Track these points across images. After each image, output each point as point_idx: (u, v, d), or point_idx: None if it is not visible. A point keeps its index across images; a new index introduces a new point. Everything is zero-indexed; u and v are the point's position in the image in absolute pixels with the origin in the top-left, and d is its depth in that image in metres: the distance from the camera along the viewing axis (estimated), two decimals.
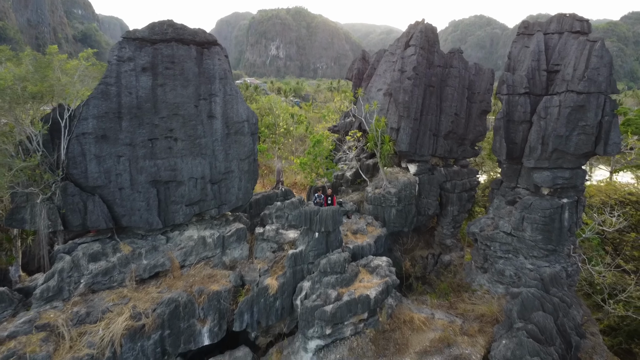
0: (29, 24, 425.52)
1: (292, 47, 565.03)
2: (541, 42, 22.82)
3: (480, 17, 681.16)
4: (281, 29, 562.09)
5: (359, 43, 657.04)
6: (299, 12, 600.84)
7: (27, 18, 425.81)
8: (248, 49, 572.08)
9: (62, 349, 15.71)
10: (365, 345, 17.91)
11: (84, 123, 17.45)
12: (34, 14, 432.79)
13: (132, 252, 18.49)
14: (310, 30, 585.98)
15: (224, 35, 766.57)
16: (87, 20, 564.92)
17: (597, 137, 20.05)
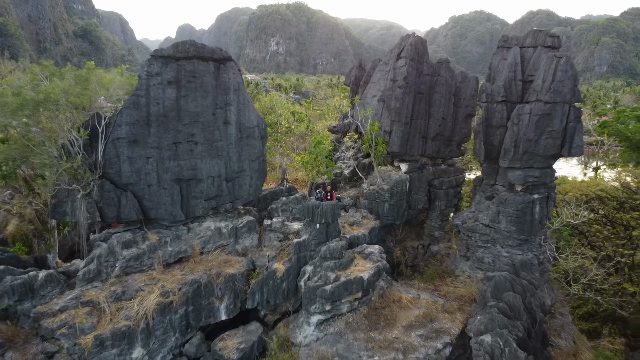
0: (30, 20, 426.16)
1: (292, 43, 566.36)
2: (517, 55, 25.69)
3: (480, 13, 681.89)
4: (281, 25, 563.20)
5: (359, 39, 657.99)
6: (299, 7, 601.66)
7: (28, 13, 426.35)
8: (248, 45, 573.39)
9: (103, 321, 18.74)
10: (360, 320, 20.95)
11: (118, 129, 20.39)
12: (34, 9, 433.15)
13: (158, 240, 21.49)
14: (310, 25, 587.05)
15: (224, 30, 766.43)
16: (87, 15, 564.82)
17: (563, 140, 23.00)
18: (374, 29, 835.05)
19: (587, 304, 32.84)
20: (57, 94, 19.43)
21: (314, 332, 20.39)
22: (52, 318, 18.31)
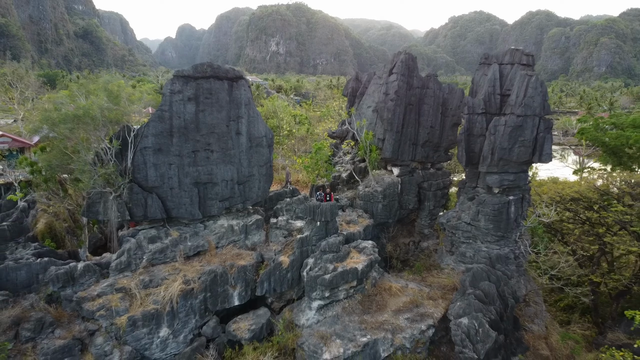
0: (31, 20, 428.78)
1: (292, 43, 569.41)
2: (496, 71, 28.87)
3: (479, 13, 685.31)
4: (281, 25, 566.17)
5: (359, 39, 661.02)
6: (298, 7, 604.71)
7: (29, 14, 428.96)
8: (248, 45, 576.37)
9: (135, 305, 21.95)
10: (354, 305, 24.18)
11: (145, 140, 23.60)
12: (36, 10, 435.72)
13: (179, 236, 24.71)
14: (310, 26, 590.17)
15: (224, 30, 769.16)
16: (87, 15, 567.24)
17: (534, 149, 26.20)
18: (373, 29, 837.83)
19: (567, 297, 36.03)
20: (95, 110, 22.60)
21: (315, 315, 23.60)
22: (92, 302, 21.52)
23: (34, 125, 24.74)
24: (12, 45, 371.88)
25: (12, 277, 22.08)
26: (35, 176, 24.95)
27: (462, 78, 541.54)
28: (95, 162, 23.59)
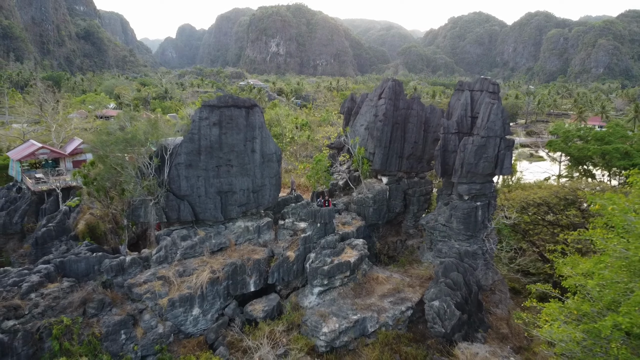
0: (33, 22, 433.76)
1: (292, 44, 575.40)
2: (468, 97, 34.64)
3: (479, 14, 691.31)
4: (281, 26, 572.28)
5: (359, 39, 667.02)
6: (299, 8, 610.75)
7: (32, 16, 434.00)
8: (248, 46, 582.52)
9: (173, 290, 27.72)
10: (348, 291, 29.97)
11: (178, 157, 29.39)
12: (38, 11, 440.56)
13: (205, 235, 30.50)
14: (310, 27, 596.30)
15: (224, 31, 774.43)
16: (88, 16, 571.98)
17: (496, 164, 31.99)
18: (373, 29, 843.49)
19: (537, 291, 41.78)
20: (140, 134, 28.36)
21: (316, 299, 29.38)
22: (139, 287, 27.31)
23: (90, 145, 30.47)
24: (16, 47, 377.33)
25: (74, 268, 27.82)
26: (88, 186, 30.63)
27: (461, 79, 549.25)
28: (138, 175, 29.38)
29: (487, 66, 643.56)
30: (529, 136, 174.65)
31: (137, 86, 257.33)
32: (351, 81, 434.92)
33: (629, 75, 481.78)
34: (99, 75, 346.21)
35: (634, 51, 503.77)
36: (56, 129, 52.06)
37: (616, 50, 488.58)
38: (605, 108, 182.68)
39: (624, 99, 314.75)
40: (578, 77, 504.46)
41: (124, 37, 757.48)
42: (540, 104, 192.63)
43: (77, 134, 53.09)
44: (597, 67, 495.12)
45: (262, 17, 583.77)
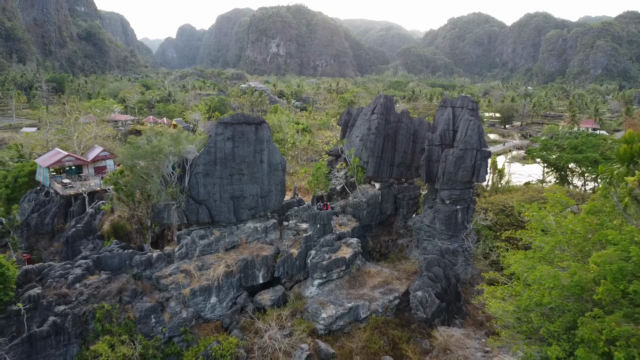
0: (35, 23, 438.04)
1: (292, 45, 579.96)
2: (450, 113, 39.43)
3: (478, 15, 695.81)
4: (281, 27, 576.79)
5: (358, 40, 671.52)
6: (299, 9, 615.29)
7: (34, 17, 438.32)
8: (249, 47, 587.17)
9: (194, 281, 32.52)
10: (343, 283, 34.76)
11: (197, 167, 34.19)
12: (40, 12, 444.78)
13: (220, 234, 35.30)
14: (310, 27, 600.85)
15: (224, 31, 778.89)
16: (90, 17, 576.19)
17: (473, 172, 36.78)
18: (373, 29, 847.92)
19: None
20: (165, 148, 33.14)
21: (315, 290, 34.18)
22: (165, 279, 32.11)
23: (121, 157, 35.29)
24: (18, 48, 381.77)
25: (109, 263, 32.60)
26: (118, 192, 35.39)
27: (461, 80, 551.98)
28: (163, 183, 34.18)
29: (486, 67, 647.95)
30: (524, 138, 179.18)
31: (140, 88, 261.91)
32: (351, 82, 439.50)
33: (627, 76, 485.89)
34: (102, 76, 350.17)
35: (632, 52, 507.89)
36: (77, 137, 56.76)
37: (614, 51, 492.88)
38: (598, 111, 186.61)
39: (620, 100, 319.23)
40: (576, 78, 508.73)
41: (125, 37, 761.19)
42: (535, 107, 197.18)
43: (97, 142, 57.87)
44: (595, 68, 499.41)
45: (263, 18, 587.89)
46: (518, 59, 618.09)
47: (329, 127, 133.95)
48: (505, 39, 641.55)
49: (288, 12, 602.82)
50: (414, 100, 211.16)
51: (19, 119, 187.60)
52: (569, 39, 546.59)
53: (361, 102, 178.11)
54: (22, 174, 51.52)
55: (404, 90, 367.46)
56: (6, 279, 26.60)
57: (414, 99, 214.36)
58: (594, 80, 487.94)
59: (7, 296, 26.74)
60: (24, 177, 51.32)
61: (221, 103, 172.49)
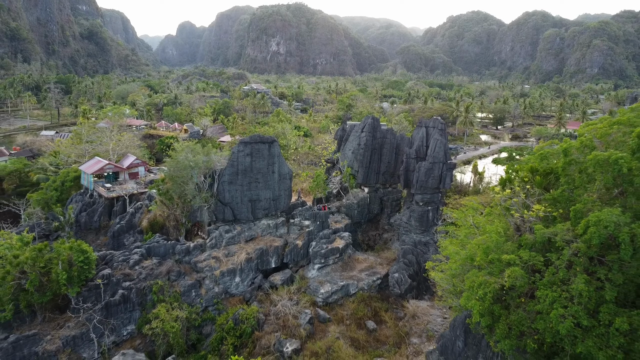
0: (39, 23, 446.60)
1: (292, 43, 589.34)
2: (424, 131, 49.47)
3: (477, 13, 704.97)
4: (281, 25, 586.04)
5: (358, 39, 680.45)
6: (299, 8, 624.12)
7: (37, 17, 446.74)
8: (249, 45, 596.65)
9: (222, 265, 42.70)
10: (338, 267, 44.96)
11: (223, 177, 44.31)
12: (43, 12, 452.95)
13: (241, 229, 45.46)
14: (310, 26, 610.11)
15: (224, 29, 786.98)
16: (91, 16, 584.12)
17: (440, 180, 46.87)
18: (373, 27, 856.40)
19: None
20: (200, 162, 43.18)
21: (316, 272, 44.33)
22: (201, 263, 42.26)
23: (165, 169, 45.33)
24: (23, 48, 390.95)
25: (157, 250, 42.68)
26: (161, 196, 45.34)
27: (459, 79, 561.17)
28: (197, 190, 44.29)
29: (484, 65, 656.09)
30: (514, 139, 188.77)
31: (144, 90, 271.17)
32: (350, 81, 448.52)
33: (623, 75, 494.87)
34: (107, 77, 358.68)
35: (628, 51, 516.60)
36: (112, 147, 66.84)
37: (610, 50, 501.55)
38: (586, 113, 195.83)
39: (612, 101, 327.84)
40: (573, 77, 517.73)
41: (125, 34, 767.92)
42: (526, 109, 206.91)
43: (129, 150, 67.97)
44: (591, 67, 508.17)
45: (263, 17, 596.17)
46: (516, 58, 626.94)
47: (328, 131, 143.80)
48: (503, 38, 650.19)
49: (288, 10, 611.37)
50: (410, 102, 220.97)
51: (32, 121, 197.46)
52: (567, 38, 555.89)
53: (358, 104, 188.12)
54: (68, 179, 61.56)
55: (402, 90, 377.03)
56: (90, 261, 36.76)
57: (410, 101, 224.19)
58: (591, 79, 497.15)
59: (90, 274, 36.91)
60: (70, 182, 61.36)
61: (225, 106, 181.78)
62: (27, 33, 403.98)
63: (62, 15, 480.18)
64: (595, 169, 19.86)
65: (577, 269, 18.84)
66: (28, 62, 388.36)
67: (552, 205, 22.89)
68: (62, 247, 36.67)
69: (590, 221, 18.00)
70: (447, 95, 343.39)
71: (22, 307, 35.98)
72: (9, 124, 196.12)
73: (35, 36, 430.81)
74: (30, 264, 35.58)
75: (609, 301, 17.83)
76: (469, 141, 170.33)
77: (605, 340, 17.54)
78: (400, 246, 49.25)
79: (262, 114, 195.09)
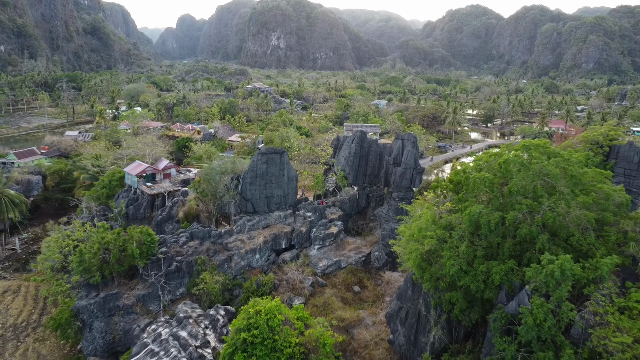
0: (43, 19, 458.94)
1: (292, 38, 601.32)
2: (400, 143, 64.24)
3: (476, 7, 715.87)
4: (282, 20, 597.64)
5: (357, 33, 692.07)
6: (298, 2, 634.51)
7: (41, 13, 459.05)
8: (249, 39, 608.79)
9: (245, 246, 57.85)
10: (332, 247, 60.07)
11: (246, 179, 59.35)
12: (47, 8, 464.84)
13: (259, 219, 60.55)
14: (310, 20, 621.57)
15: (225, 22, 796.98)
16: (92, 10, 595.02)
17: (411, 182, 61.76)
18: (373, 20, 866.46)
19: None
20: (228, 169, 58.01)
21: (316, 251, 59.38)
22: (230, 244, 57.34)
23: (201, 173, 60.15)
24: (29, 44, 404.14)
25: (197, 234, 57.64)
26: (198, 193, 60.11)
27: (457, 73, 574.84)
28: (226, 189, 59.23)
29: (483, 59, 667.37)
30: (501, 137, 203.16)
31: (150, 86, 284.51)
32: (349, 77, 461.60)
33: (617, 70, 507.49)
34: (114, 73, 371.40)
35: (624, 47, 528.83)
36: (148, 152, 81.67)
37: (606, 46, 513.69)
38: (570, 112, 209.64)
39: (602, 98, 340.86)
40: (569, 71, 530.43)
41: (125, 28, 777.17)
42: (514, 108, 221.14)
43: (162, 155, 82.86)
44: (587, 63, 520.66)
45: (263, 11, 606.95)
46: (514, 52, 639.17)
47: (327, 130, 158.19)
48: (502, 32, 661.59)
49: (288, 5, 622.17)
50: (405, 101, 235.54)
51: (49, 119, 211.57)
52: (564, 33, 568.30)
53: (356, 105, 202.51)
54: (114, 179, 76.40)
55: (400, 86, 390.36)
56: (154, 241, 51.77)
57: (405, 100, 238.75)
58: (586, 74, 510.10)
59: (154, 250, 51.91)
60: (116, 181, 76.20)
61: (231, 105, 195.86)
62: (32, 29, 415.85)
63: (66, 11, 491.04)
64: (475, 183, 34.67)
65: (464, 239, 33.67)
66: (34, 58, 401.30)
67: (457, 203, 37.79)
68: (134, 231, 51.69)
69: (467, 212, 32.85)
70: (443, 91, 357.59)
71: (106, 274, 51.09)
72: (27, 122, 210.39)
73: (40, 32, 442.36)
74: (112, 243, 50.57)
75: (478, 257, 32.64)
76: (458, 139, 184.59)
77: (475, 277, 32.37)
78: (381, 232, 64.24)
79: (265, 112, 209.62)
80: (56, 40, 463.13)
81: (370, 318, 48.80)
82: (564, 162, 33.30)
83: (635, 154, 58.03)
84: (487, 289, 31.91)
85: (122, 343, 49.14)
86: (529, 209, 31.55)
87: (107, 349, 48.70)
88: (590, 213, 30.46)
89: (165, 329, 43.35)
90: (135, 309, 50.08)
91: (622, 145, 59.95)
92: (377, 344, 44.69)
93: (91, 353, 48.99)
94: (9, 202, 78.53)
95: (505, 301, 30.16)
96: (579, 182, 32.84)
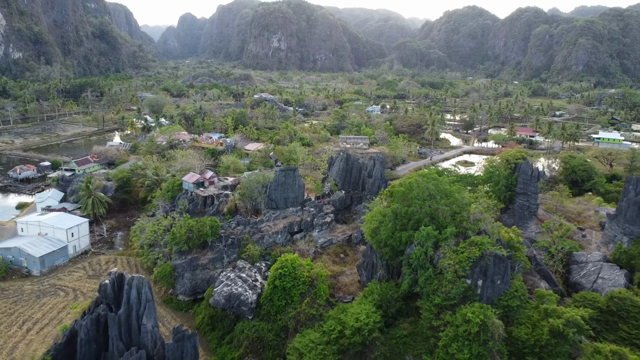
0: (55, 24, 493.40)
1: (292, 40, 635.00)
2: (373, 162, 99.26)
3: (473, 8, 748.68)
4: (282, 22, 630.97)
5: (356, 34, 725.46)
6: (299, 4, 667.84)
7: (54, 18, 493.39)
8: (251, 41, 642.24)
9: (271, 230, 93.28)
10: (328, 230, 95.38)
11: (271, 186, 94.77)
12: (59, 14, 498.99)
13: (280, 212, 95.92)
14: (310, 22, 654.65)
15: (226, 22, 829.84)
16: (99, 13, 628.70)
17: (379, 188, 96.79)
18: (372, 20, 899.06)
19: None
20: (261, 179, 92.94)
21: (317, 233, 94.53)
22: (262, 228, 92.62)
23: (243, 182, 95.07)
24: (45, 51, 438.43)
25: (241, 222, 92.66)
26: (240, 195, 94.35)
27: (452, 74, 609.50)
28: (260, 192, 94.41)
29: (479, 59, 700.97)
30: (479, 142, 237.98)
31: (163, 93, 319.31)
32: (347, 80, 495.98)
33: (606, 72, 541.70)
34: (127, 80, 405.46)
35: (612, 49, 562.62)
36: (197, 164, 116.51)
37: (595, 49, 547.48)
38: (539, 120, 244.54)
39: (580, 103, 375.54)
40: (560, 73, 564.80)
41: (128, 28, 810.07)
42: (491, 116, 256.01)
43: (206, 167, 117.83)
44: (577, 65, 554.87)
45: (264, 14, 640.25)
46: (509, 53, 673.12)
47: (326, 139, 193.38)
48: (497, 33, 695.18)
49: (289, 7, 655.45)
50: (395, 110, 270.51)
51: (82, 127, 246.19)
52: (555, 35, 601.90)
53: (351, 115, 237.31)
54: (175, 185, 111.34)
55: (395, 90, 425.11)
56: (217, 226, 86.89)
57: (395, 109, 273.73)
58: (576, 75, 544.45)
59: (218, 231, 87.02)
60: (177, 187, 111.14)
61: (242, 115, 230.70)
62: (47, 36, 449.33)
63: (76, 16, 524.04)
64: (397, 192, 69.46)
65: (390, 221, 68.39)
66: (50, 64, 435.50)
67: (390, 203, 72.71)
68: (206, 220, 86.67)
69: (391, 207, 67.72)
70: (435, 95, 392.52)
71: (190, 245, 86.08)
72: (63, 130, 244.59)
73: (52, 37, 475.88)
74: (195, 226, 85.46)
75: (397, 229, 67.39)
76: (438, 145, 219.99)
77: (395, 240, 67.03)
78: (359, 221, 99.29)
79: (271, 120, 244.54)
80: (67, 45, 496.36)
81: (350, 271, 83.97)
82: (438, 183, 68.39)
83: (529, 168, 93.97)
84: (401, 245, 66.98)
85: (200, 287, 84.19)
86: (420, 206, 66.55)
87: (192, 290, 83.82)
88: (447, 208, 65.43)
89: (231, 273, 78.37)
90: (208, 266, 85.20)
91: (522, 163, 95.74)
92: (352, 284, 79.94)
93: (182, 293, 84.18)
94: (98, 201, 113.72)
95: (408, 251, 65.32)
96: (445, 193, 67.92)
